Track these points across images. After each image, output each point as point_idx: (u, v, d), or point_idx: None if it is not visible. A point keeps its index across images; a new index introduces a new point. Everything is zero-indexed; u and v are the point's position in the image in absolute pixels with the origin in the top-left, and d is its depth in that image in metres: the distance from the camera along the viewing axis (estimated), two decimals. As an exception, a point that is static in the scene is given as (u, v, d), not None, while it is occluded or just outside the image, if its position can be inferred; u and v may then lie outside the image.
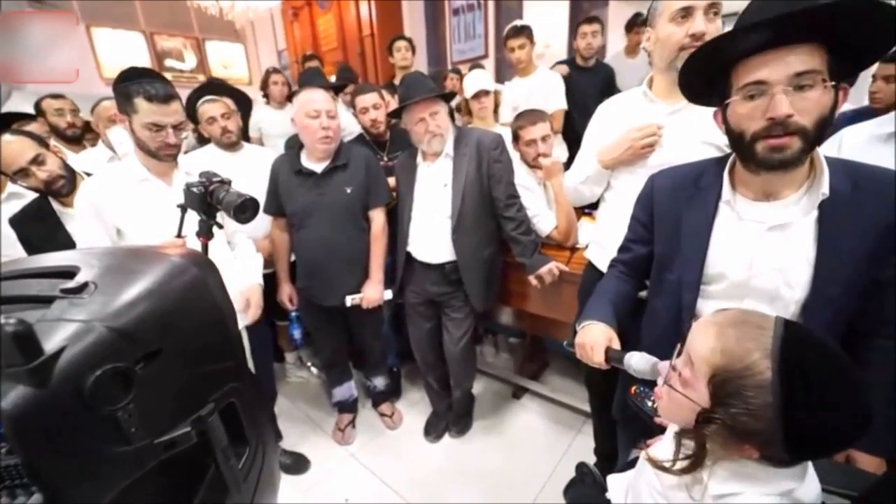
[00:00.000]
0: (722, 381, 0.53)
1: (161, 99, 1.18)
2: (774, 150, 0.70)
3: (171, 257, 0.54)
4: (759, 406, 0.50)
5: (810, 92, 0.67)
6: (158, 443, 0.45)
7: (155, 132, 1.19)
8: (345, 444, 1.99)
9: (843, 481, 0.67)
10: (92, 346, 0.40)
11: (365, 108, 1.98)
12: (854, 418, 0.50)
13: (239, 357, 0.62)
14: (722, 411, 0.52)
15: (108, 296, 0.45)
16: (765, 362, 0.50)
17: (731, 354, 0.53)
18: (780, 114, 0.66)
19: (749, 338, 0.53)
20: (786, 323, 0.53)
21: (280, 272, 1.80)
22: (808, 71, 0.66)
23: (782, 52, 0.68)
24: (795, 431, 0.49)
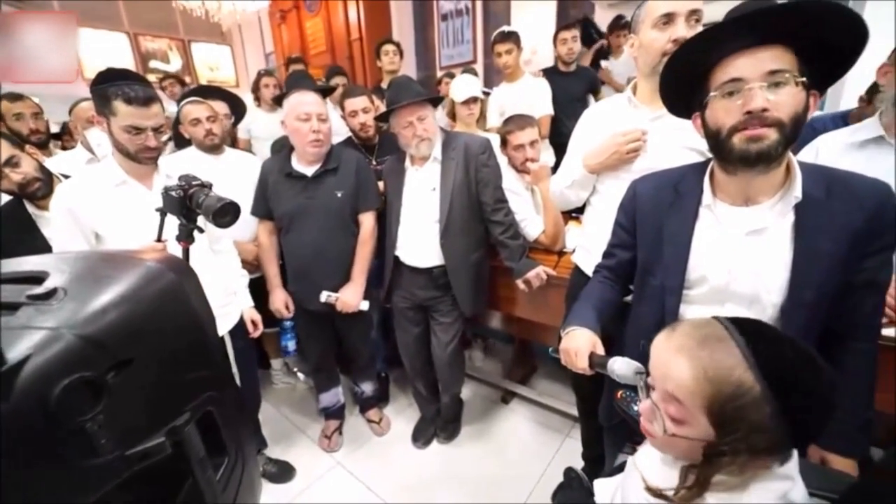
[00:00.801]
0: (720, 409, 0.51)
1: (141, 101, 1.15)
2: (752, 140, 0.71)
3: (147, 262, 0.52)
4: (762, 419, 0.49)
5: (784, 88, 0.69)
6: (131, 454, 0.43)
7: (134, 135, 1.16)
8: (331, 451, 1.96)
9: (821, 483, 0.68)
10: (60, 354, 0.39)
11: (354, 112, 1.97)
12: (829, 391, 0.52)
13: (218, 365, 0.61)
14: (731, 439, 0.50)
15: (79, 302, 0.44)
16: (748, 374, 0.50)
17: (716, 378, 0.51)
18: (756, 106, 0.68)
19: (724, 354, 0.52)
20: (735, 324, 0.54)
21: (272, 278, 1.74)
22: (780, 70, 0.69)
23: (756, 52, 0.70)
24: (800, 428, 0.51)
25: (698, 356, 0.53)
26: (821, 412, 0.52)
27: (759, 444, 0.50)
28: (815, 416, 0.52)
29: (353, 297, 1.69)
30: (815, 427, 0.53)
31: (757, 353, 0.51)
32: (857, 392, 0.82)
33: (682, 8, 1.00)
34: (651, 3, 1.04)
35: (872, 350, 0.83)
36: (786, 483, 0.53)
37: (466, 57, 5.74)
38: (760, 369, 0.50)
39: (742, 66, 0.71)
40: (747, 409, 0.49)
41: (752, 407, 0.49)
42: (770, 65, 0.69)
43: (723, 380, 0.50)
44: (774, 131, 0.70)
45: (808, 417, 0.51)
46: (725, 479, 0.52)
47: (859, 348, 0.83)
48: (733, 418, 0.50)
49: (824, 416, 0.52)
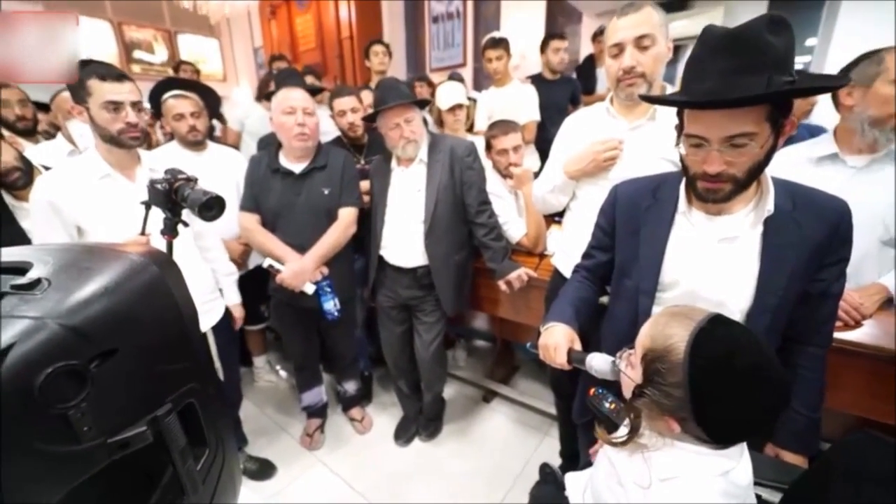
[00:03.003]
0: (650, 361, 0.63)
1: (114, 77, 1.15)
2: (709, 191, 0.79)
3: (130, 255, 0.53)
4: (673, 383, 0.58)
5: (742, 149, 0.73)
6: (112, 442, 0.44)
7: (114, 112, 1.15)
8: (313, 449, 1.96)
9: (773, 475, 0.73)
10: (43, 343, 0.40)
11: (343, 112, 1.99)
12: (763, 406, 0.58)
13: (200, 357, 0.62)
14: (649, 387, 0.62)
15: (63, 293, 0.45)
16: (682, 346, 0.58)
17: (657, 338, 0.62)
18: (713, 171, 0.75)
19: (676, 325, 0.61)
20: (714, 317, 0.59)
21: (283, 253, 1.61)
22: (740, 134, 0.72)
23: (719, 115, 0.73)
24: (703, 408, 0.57)
25: (660, 321, 0.65)
26: (734, 412, 0.58)
27: (665, 404, 0.60)
28: (725, 412, 0.58)
29: (294, 274, 1.58)
30: (724, 422, 0.59)
31: (698, 341, 0.58)
32: (809, 394, 0.88)
33: (628, 37, 1.05)
34: (607, 31, 1.09)
35: (824, 355, 0.89)
36: (725, 462, 0.59)
37: (456, 60, 5.76)
38: (692, 346, 0.58)
39: (704, 127, 0.74)
40: (665, 371, 0.60)
41: (669, 372, 0.60)
42: (731, 129, 0.72)
43: (661, 341, 0.62)
44: (729, 185, 0.77)
45: (716, 405, 0.58)
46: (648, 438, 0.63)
47: (812, 353, 0.88)
48: (655, 371, 0.62)
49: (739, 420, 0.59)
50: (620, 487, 0.67)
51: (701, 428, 0.58)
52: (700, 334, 0.59)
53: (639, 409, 0.64)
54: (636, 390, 0.64)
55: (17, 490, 0.40)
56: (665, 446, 0.62)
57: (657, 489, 0.61)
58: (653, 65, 1.05)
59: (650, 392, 0.62)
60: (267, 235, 1.66)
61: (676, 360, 0.58)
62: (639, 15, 1.04)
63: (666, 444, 0.62)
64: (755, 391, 0.57)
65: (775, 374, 0.58)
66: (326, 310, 1.65)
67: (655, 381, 0.61)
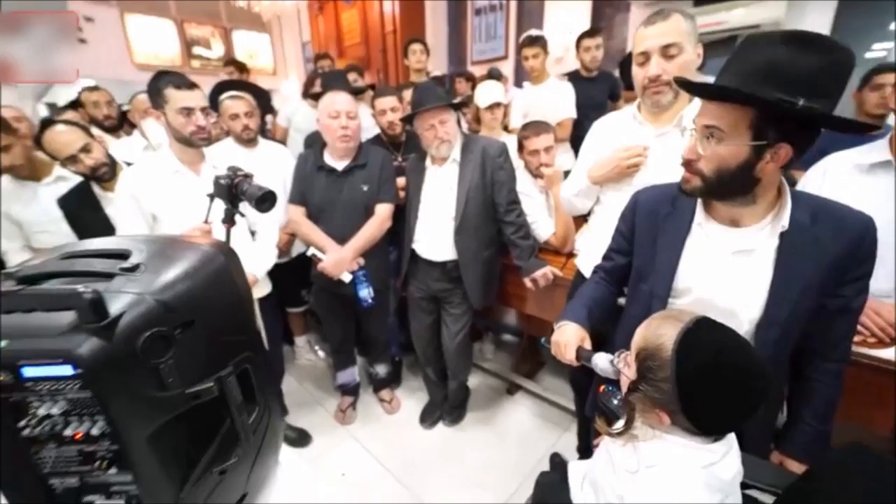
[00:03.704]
0: (643, 359, 0.68)
1: (187, 86, 1.35)
2: (683, 180, 0.84)
3: (203, 246, 0.66)
4: (663, 378, 0.64)
5: (714, 143, 0.75)
6: (188, 392, 0.57)
7: (186, 116, 1.34)
8: (345, 424, 2.13)
9: (768, 479, 0.76)
10: (143, 313, 0.52)
11: (383, 111, 2.09)
12: (743, 398, 0.63)
13: (254, 332, 0.74)
14: (642, 383, 0.68)
15: (155, 275, 0.57)
16: (670, 344, 0.63)
17: (649, 338, 0.68)
18: (685, 154, 0.80)
19: (666, 326, 0.67)
20: (699, 319, 0.64)
21: (325, 244, 1.76)
22: (711, 126, 0.74)
23: (709, 105, 0.76)
24: (689, 400, 0.63)
25: (654, 324, 0.70)
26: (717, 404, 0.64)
27: (656, 397, 0.66)
28: (709, 403, 0.64)
29: (334, 263, 1.71)
30: (709, 414, 0.65)
31: (684, 339, 0.63)
32: (820, 407, 0.89)
33: (654, 45, 1.07)
34: (634, 38, 1.10)
35: (840, 371, 0.89)
36: (708, 455, 0.64)
37: (498, 52, 5.73)
38: (678, 345, 0.63)
39: (699, 113, 0.78)
40: (656, 368, 0.66)
41: (660, 368, 0.66)
42: (707, 119, 0.75)
43: (652, 340, 0.68)
44: (698, 179, 0.80)
45: (700, 397, 0.64)
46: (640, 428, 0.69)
47: (828, 368, 0.88)
48: (647, 368, 0.68)
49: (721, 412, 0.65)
50: (613, 474, 0.73)
51: (688, 418, 0.63)
52: (686, 334, 0.64)
53: (633, 403, 0.70)
54: (631, 386, 0.70)
55: (122, 423, 0.53)
56: (654, 438, 0.68)
57: (642, 475, 0.67)
58: (679, 72, 1.06)
59: (643, 387, 0.68)
60: (311, 227, 1.80)
61: (665, 357, 0.64)
62: (666, 24, 1.05)
63: (655, 436, 0.68)
64: (736, 385, 0.62)
65: (755, 370, 0.63)
66: (361, 297, 1.78)
67: (648, 377, 0.67)
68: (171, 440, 0.59)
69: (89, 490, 0.61)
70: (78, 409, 0.54)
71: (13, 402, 0.54)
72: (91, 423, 0.55)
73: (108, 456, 0.58)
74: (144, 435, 0.55)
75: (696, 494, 0.62)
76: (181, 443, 0.61)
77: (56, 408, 0.54)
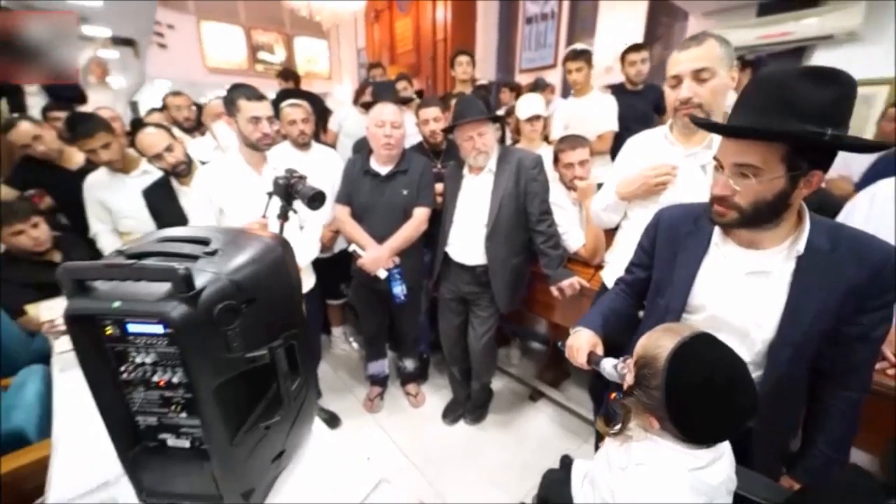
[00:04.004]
0: (640, 366, 0.74)
1: (256, 97, 1.54)
2: (716, 214, 0.86)
3: (266, 239, 0.79)
4: (655, 386, 0.69)
5: (747, 180, 0.78)
6: (247, 357, 0.69)
7: (255, 124, 1.53)
8: (372, 412, 2.26)
9: (765, 493, 0.79)
10: (219, 289, 0.65)
11: (426, 120, 2.22)
12: (728, 414, 0.67)
13: (301, 314, 0.87)
14: (637, 388, 0.74)
15: (228, 259, 0.71)
16: (664, 355, 0.68)
17: (648, 347, 0.73)
18: (715, 193, 0.82)
19: (665, 338, 0.72)
20: (697, 335, 0.68)
21: (366, 242, 1.90)
22: (745, 164, 0.77)
23: (735, 144, 0.79)
24: (675, 410, 0.67)
25: (655, 335, 0.76)
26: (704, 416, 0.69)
27: (648, 403, 0.72)
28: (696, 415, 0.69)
29: (372, 260, 1.86)
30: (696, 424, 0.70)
31: (678, 352, 0.68)
32: (834, 434, 0.89)
33: (686, 70, 1.10)
34: (668, 62, 1.14)
35: (858, 400, 0.88)
36: (694, 461, 0.69)
37: (547, 61, 5.75)
38: (670, 359, 0.68)
39: (723, 153, 0.81)
40: (650, 376, 0.72)
41: (653, 376, 0.71)
42: (737, 158, 0.78)
43: (650, 351, 0.73)
44: (734, 213, 0.82)
45: (687, 408, 0.69)
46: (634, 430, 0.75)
47: (846, 396, 0.88)
48: (643, 375, 0.74)
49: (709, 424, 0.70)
50: (609, 471, 0.79)
51: (674, 426, 0.68)
52: (681, 347, 0.68)
53: (628, 406, 0.75)
54: (628, 390, 0.76)
55: (196, 375, 0.66)
56: (646, 439, 0.73)
57: (631, 471, 0.72)
58: (710, 96, 1.09)
59: (637, 392, 0.73)
60: (354, 226, 1.95)
61: (659, 367, 0.69)
62: (699, 49, 1.08)
63: (647, 438, 0.73)
64: (722, 402, 0.66)
65: (743, 390, 0.66)
66: (395, 293, 1.90)
67: (642, 383, 0.72)
68: (231, 395, 0.72)
69: (164, 429, 0.75)
70: (164, 361, 0.68)
71: (117, 351, 0.69)
72: (172, 373, 0.69)
73: (182, 402, 0.72)
74: (211, 387, 0.68)
75: (680, 494, 0.67)
76: (237, 399, 0.74)
77: (148, 358, 0.69)
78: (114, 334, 0.68)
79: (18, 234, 1.78)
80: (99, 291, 0.66)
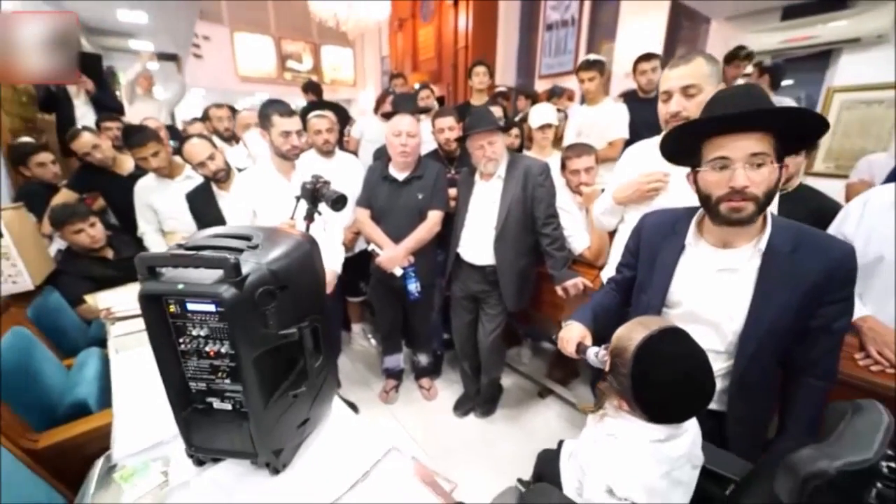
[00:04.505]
0: (614, 355, 0.84)
1: (288, 114, 1.71)
2: (734, 210, 0.88)
3: (297, 236, 0.94)
4: (624, 374, 0.79)
5: (762, 169, 0.86)
6: (281, 333, 0.84)
7: (285, 137, 1.70)
8: (388, 403, 2.41)
9: (731, 468, 0.88)
10: (260, 276, 0.80)
11: (441, 129, 2.37)
12: (685, 400, 0.78)
13: (325, 302, 1.02)
14: (610, 374, 0.83)
15: (267, 252, 0.86)
16: (633, 346, 0.78)
17: (622, 338, 0.82)
18: (738, 185, 0.85)
19: (636, 331, 0.81)
20: (665, 329, 0.78)
21: (383, 242, 2.06)
22: (760, 152, 0.85)
23: (741, 136, 0.86)
24: (639, 394, 0.77)
25: (629, 327, 0.85)
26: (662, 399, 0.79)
27: (618, 385, 0.82)
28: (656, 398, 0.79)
29: (388, 258, 2.02)
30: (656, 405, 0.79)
31: (644, 344, 0.77)
32: (803, 420, 0.97)
33: (675, 86, 1.19)
34: (661, 78, 1.23)
35: (823, 388, 0.96)
36: (656, 434, 0.78)
37: (566, 67, 5.81)
38: (638, 348, 0.78)
39: (729, 147, 0.86)
40: (621, 364, 0.82)
41: (623, 364, 0.79)
42: (752, 148, 0.85)
43: (622, 342, 0.83)
44: (752, 204, 0.87)
45: (650, 393, 0.78)
46: (609, 409, 0.85)
47: (811, 384, 0.96)
48: (616, 363, 0.83)
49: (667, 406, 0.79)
50: (586, 445, 0.89)
51: (638, 408, 0.78)
52: (648, 340, 0.78)
53: (603, 390, 0.86)
54: (604, 375, 0.86)
55: (240, 347, 0.81)
56: (619, 417, 0.83)
57: (603, 442, 0.82)
58: (697, 110, 1.17)
59: (610, 378, 0.84)
60: (373, 227, 2.12)
61: (628, 356, 0.79)
62: (688, 67, 1.18)
63: (619, 415, 0.83)
64: (680, 390, 0.76)
65: (700, 381, 0.76)
66: (409, 290, 2.05)
67: (615, 370, 0.83)
68: (266, 366, 0.86)
69: (212, 394, 0.91)
70: (214, 335, 0.84)
71: (177, 325, 0.85)
72: (221, 344, 0.84)
73: (227, 370, 0.87)
74: (251, 357, 0.82)
75: (643, 461, 0.77)
76: (271, 370, 0.89)
77: (202, 332, 0.84)
78: (175, 311, 0.83)
79: (79, 233, 2.01)
80: (165, 276, 0.82)
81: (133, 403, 1.22)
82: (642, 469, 0.77)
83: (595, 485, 0.81)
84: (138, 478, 0.95)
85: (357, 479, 0.93)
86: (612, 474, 0.78)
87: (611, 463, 0.80)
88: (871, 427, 0.57)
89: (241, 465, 0.96)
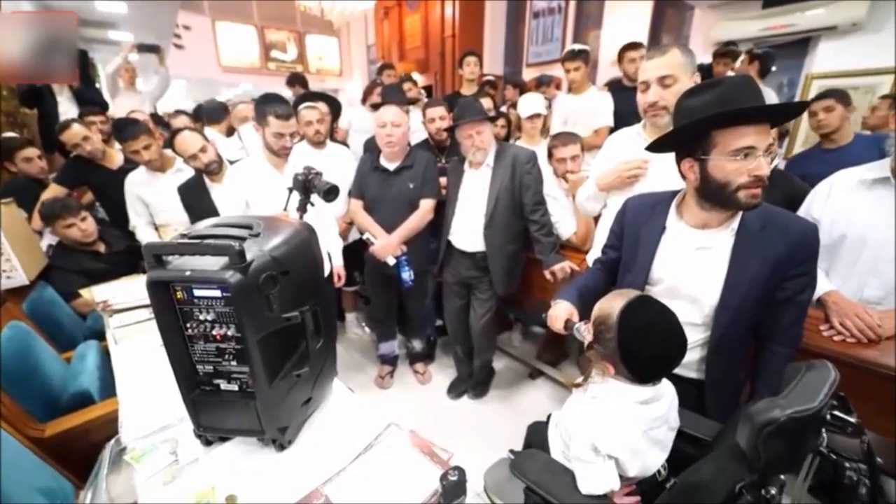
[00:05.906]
0: (598, 324, 0.90)
1: (284, 117, 1.71)
2: (754, 196, 0.92)
3: (295, 224, 0.98)
4: (610, 338, 0.86)
5: (770, 157, 0.93)
6: (284, 316, 0.89)
7: (279, 138, 1.72)
8: (383, 388, 2.48)
9: (704, 430, 0.96)
10: (263, 262, 0.85)
11: (432, 119, 2.40)
12: (665, 355, 0.85)
13: (324, 287, 1.06)
14: (596, 343, 0.90)
15: (268, 239, 0.90)
16: (615, 315, 0.85)
17: (604, 309, 0.90)
18: (763, 173, 0.89)
19: (616, 300, 0.89)
20: (640, 297, 0.86)
21: (376, 231, 2.11)
22: (772, 143, 0.93)
23: (762, 127, 0.91)
24: (626, 354, 0.84)
25: (608, 298, 0.92)
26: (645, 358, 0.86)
27: (604, 352, 0.89)
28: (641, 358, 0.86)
29: (382, 248, 2.07)
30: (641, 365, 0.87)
31: (625, 309, 0.85)
32: (767, 383, 1.05)
33: (652, 77, 1.25)
34: (639, 69, 1.29)
35: (788, 354, 1.05)
36: (638, 395, 0.86)
37: (554, 55, 5.83)
38: (620, 315, 0.85)
39: (756, 138, 0.89)
40: (605, 330, 0.89)
41: (608, 330, 0.86)
42: (769, 140, 0.92)
43: (604, 311, 0.90)
44: (762, 189, 0.93)
45: (635, 353, 0.85)
46: (594, 377, 0.91)
47: (777, 350, 1.05)
48: (598, 331, 0.90)
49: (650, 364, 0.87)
50: (572, 411, 0.97)
51: (626, 367, 0.86)
52: (628, 306, 0.85)
53: (588, 359, 0.93)
54: (589, 345, 0.93)
55: (245, 330, 0.85)
56: (604, 382, 0.90)
57: (588, 404, 0.90)
58: (674, 99, 1.23)
59: (596, 346, 0.91)
60: (366, 217, 2.16)
61: (612, 322, 0.86)
62: (663, 58, 1.23)
63: (605, 381, 0.90)
64: (660, 346, 0.84)
65: (674, 337, 0.84)
66: (403, 278, 2.10)
67: (599, 337, 0.90)
68: (271, 348, 0.91)
69: (218, 376, 0.95)
70: (220, 319, 0.88)
71: (184, 311, 0.89)
72: (227, 328, 0.88)
73: (233, 352, 0.92)
74: (256, 340, 0.87)
75: (626, 421, 0.85)
76: (275, 352, 0.94)
77: (209, 316, 0.88)
78: (182, 297, 0.87)
79: (70, 227, 2.02)
80: (171, 264, 0.86)
81: (137, 390, 1.26)
82: (625, 428, 0.85)
83: (580, 444, 0.88)
84: (148, 458, 1.00)
85: (359, 451, 0.99)
86: (597, 433, 0.86)
87: (595, 423, 0.87)
88: (819, 381, 0.65)
89: (248, 443, 1.01)
